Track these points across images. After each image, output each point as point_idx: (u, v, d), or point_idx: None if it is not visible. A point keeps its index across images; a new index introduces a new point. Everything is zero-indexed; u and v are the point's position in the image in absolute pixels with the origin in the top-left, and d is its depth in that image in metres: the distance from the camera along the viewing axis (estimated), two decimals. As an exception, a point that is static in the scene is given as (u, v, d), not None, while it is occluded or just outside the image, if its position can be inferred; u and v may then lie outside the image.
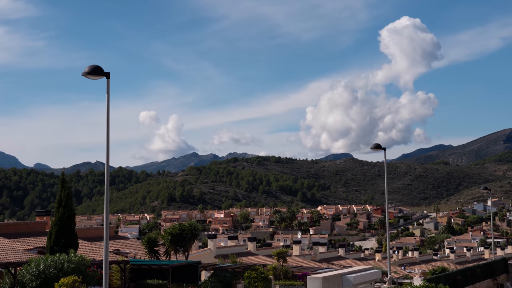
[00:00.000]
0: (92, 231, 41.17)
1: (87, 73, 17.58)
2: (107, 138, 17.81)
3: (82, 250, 30.46)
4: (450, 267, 66.34)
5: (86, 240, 36.17)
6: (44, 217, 38.66)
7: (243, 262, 39.04)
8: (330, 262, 58.81)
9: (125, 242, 42.00)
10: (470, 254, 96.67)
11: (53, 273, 21.35)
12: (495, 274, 44.48)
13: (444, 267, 57.98)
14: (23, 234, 34.40)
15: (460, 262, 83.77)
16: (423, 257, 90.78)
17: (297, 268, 39.48)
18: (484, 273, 42.64)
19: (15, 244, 31.47)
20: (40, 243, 32.38)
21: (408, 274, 57.64)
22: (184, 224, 34.72)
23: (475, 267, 42.63)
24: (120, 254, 33.13)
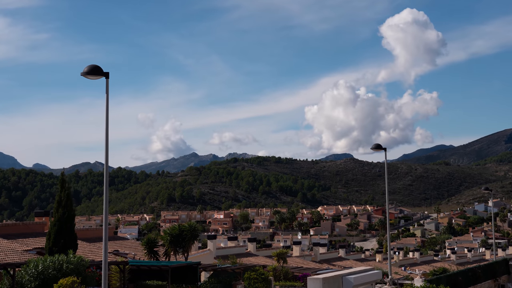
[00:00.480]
0: (91, 231, 41.15)
1: (86, 73, 17.61)
2: (106, 139, 17.82)
3: (81, 251, 30.47)
4: (451, 268, 66.38)
5: (85, 241, 36.18)
6: (43, 218, 38.69)
7: (243, 263, 39.04)
8: (330, 263, 58.81)
9: (124, 243, 42.01)
10: (471, 255, 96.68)
11: (52, 274, 21.35)
12: (496, 275, 44.48)
13: (445, 268, 58.03)
14: (22, 234, 34.39)
15: (461, 263, 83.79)
16: (424, 258, 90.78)
17: (297, 269, 39.47)
18: (485, 274, 42.65)
19: (13, 245, 31.47)
20: (39, 244, 32.38)
21: (409, 275, 57.70)
22: (183, 225, 34.72)
23: (476, 268, 42.62)
24: (119, 255, 33.13)
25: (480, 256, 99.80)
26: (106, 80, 17.83)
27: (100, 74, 17.71)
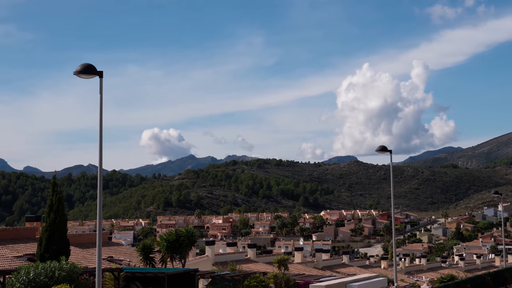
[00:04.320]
0: (84, 237, 41.18)
1: (79, 72, 17.62)
2: (100, 141, 17.84)
3: (74, 257, 30.47)
4: (459, 275, 66.39)
5: (78, 247, 36.20)
6: (34, 223, 38.64)
7: (243, 269, 39.05)
8: (333, 270, 58.81)
9: (119, 249, 42.04)
10: (480, 262, 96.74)
11: (43, 281, 21.35)
12: (506, 283, 44.54)
13: (453, 275, 58.05)
14: (12, 240, 34.40)
15: (469, 270, 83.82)
16: (431, 264, 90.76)
17: (299, 276, 39.47)
18: (495, 281, 42.69)
19: (3, 251, 31.49)
20: (30, 250, 32.40)
21: (415, 283, 57.67)
22: (180, 230, 34.73)
23: (485, 275, 42.65)
24: (114, 262, 33.14)
25: (489, 262, 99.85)
26: (100, 79, 17.85)
27: (94, 73, 17.74)
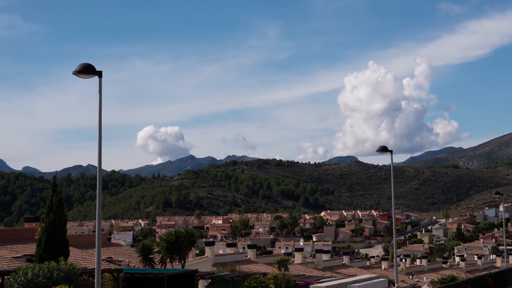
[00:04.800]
0: (83, 238, 41.20)
1: (78, 72, 17.61)
2: (99, 142, 17.83)
3: (73, 258, 30.46)
4: (460, 276, 66.42)
5: (77, 248, 36.20)
6: (33, 223, 38.67)
7: (243, 270, 39.05)
8: (334, 271, 58.83)
9: (118, 250, 42.04)
10: (481, 262, 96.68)
11: (42, 282, 21.36)
12: (507, 283, 44.53)
13: (454, 276, 58.12)
14: (11, 241, 34.40)
15: (470, 271, 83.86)
16: (432, 265, 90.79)
17: (299, 277, 39.47)
18: (496, 282, 42.69)
19: (2, 252, 31.48)
20: (29, 250, 32.41)
21: (416, 283, 57.66)
22: (180, 231, 34.75)
23: (486, 276, 42.67)
24: (113, 262, 33.15)
25: (490, 263, 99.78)
26: (99, 79, 17.84)
27: (93, 73, 17.72)
